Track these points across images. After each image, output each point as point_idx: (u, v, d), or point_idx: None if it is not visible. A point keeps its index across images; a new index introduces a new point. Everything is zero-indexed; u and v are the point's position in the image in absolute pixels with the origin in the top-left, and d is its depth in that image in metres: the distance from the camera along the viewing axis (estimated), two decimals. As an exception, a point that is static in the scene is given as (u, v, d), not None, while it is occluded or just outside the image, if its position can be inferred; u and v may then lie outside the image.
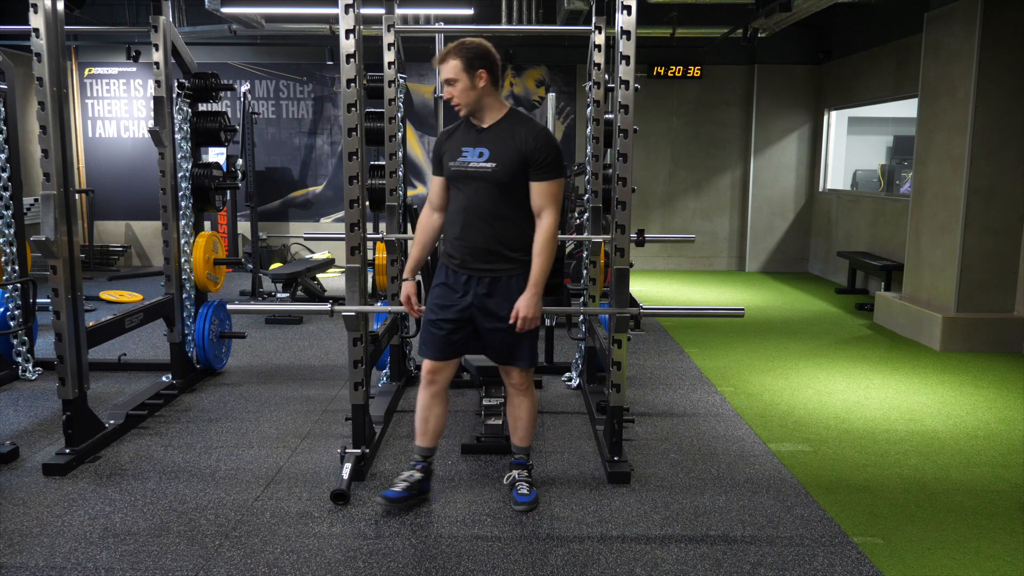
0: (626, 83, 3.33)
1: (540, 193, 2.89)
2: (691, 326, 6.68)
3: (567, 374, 4.98)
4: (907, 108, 7.85)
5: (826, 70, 9.76)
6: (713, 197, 10.33)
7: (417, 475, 3.19)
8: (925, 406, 4.58)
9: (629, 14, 3.31)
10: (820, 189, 9.95)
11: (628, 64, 3.32)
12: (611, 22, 3.99)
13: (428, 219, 3.13)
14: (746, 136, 10.15)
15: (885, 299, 6.80)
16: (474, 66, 2.85)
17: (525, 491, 3.18)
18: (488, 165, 2.88)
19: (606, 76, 4.43)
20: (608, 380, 3.56)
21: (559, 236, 4.91)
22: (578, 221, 6.78)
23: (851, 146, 10.26)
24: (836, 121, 9.86)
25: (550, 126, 6.44)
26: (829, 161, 9.92)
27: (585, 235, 4.60)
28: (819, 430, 4.17)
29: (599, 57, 4.37)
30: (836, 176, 9.97)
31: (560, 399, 4.65)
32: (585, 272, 4.65)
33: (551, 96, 6.38)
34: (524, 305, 2.89)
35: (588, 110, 4.53)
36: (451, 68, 2.85)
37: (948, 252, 6.02)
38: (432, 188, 3.10)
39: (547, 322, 5.22)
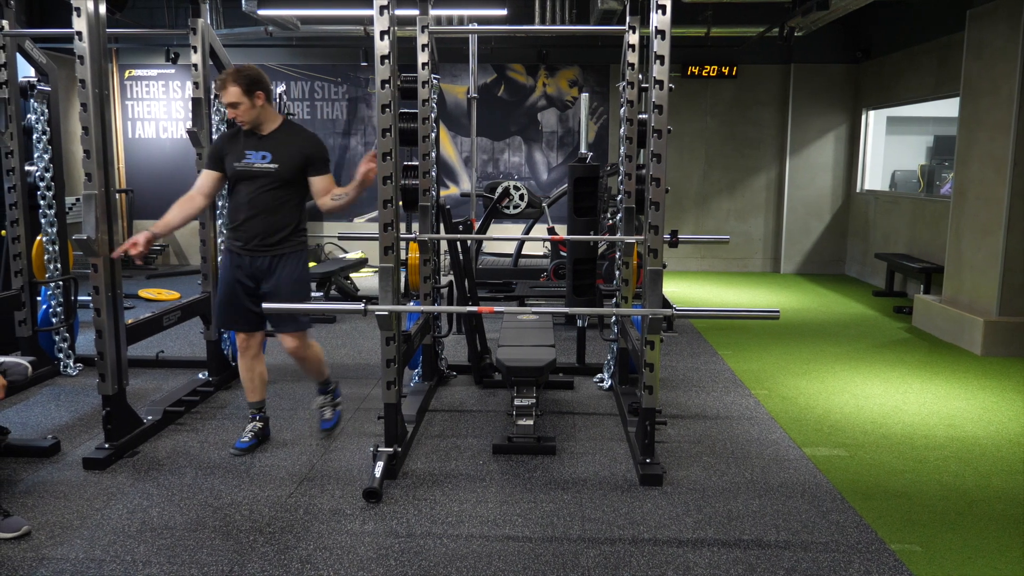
0: (660, 83, 3.30)
1: (324, 183, 3.57)
2: (725, 328, 6.61)
3: (599, 375, 4.96)
4: (948, 107, 7.68)
5: (864, 69, 9.60)
6: (748, 198, 10.22)
7: (259, 424, 3.88)
8: (965, 411, 4.48)
9: (664, 13, 3.28)
10: (857, 190, 9.79)
11: (663, 64, 3.29)
12: (645, 22, 3.97)
13: (194, 199, 3.59)
14: (782, 136, 10.02)
15: (924, 302, 6.67)
16: (252, 90, 3.43)
17: (328, 416, 4.06)
18: (272, 166, 3.49)
19: (640, 76, 4.40)
20: (640, 382, 3.54)
21: (592, 237, 4.89)
22: (611, 222, 6.76)
23: (890, 146, 10.08)
24: (874, 121, 9.69)
25: (583, 126, 6.41)
26: (867, 161, 9.75)
27: (618, 236, 4.58)
28: (856, 435, 4.10)
29: (633, 57, 4.34)
30: (874, 177, 9.80)
31: (592, 400, 4.63)
32: (618, 273, 4.63)
33: (584, 96, 6.36)
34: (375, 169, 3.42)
35: (621, 110, 4.50)
36: (229, 95, 3.43)
37: (990, 254, 5.89)
38: (202, 178, 3.61)
39: (579, 323, 5.21)
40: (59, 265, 4.90)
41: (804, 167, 9.96)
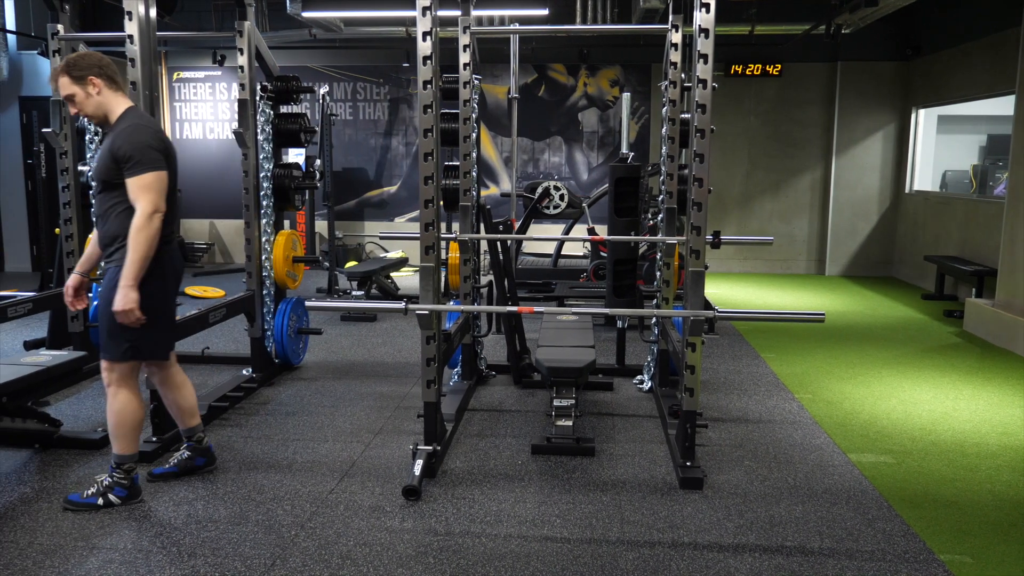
0: (704, 82, 3.27)
1: (130, 188, 2.94)
2: (768, 331, 6.51)
3: (639, 377, 4.93)
4: (1003, 105, 7.46)
5: (914, 66, 9.37)
6: (792, 198, 10.05)
7: (185, 453, 3.42)
8: (1020, 419, 4.34)
9: (708, 12, 3.24)
10: (907, 190, 9.56)
11: (706, 63, 3.26)
12: (688, 20, 3.92)
13: None
14: (827, 136, 9.83)
15: (976, 306, 6.48)
16: (83, 77, 2.97)
17: (88, 492, 3.12)
18: (91, 168, 2.95)
19: (683, 75, 4.36)
20: (681, 384, 3.50)
21: (632, 237, 4.86)
22: (652, 222, 6.71)
23: (940, 146, 9.82)
24: (924, 119, 9.45)
25: (624, 126, 6.36)
26: (916, 161, 9.52)
27: (659, 236, 4.54)
28: (903, 441, 4.00)
29: (676, 56, 4.31)
30: (924, 177, 9.56)
31: (631, 402, 4.60)
32: (659, 274, 4.59)
33: (626, 96, 6.31)
34: (115, 299, 2.91)
35: (664, 110, 4.46)
36: (62, 88, 2.98)
37: (1046, 257, 5.70)
38: None
39: (619, 324, 5.18)
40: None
41: (851, 167, 9.77)
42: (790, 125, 9.91)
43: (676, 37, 4.29)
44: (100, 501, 3.10)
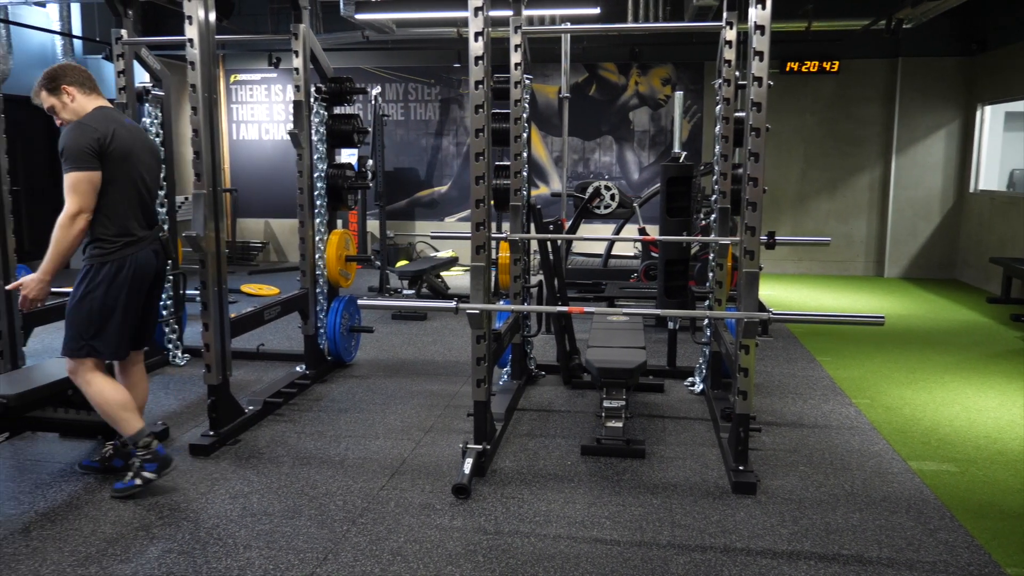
0: (759, 80, 3.21)
1: (64, 184, 3.00)
2: (823, 333, 6.36)
3: (690, 379, 4.86)
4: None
5: (980, 62, 9.05)
6: (849, 198, 9.80)
7: (110, 451, 3.45)
8: (1092, 429, 4.16)
9: (764, 8, 3.18)
10: (971, 190, 9.24)
11: (762, 60, 3.20)
12: (743, 17, 3.86)
13: None
14: (887, 134, 9.57)
15: (1045, 310, 6.23)
16: (56, 87, 3.10)
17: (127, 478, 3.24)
18: None
19: (737, 73, 4.29)
20: (734, 386, 3.44)
21: (685, 237, 4.79)
22: (704, 222, 6.61)
23: (1008, 143, 9.46)
24: (991, 117, 9.12)
25: (676, 125, 6.29)
26: (982, 160, 9.19)
27: (712, 237, 4.47)
28: (967, 449, 3.86)
29: (730, 54, 4.24)
30: (990, 176, 9.22)
31: (683, 404, 4.54)
32: (711, 275, 4.52)
33: (678, 95, 6.24)
34: (30, 287, 3.07)
35: (717, 108, 4.40)
36: (43, 101, 3.13)
37: (1122, 259, 5.44)
38: None
39: (670, 325, 5.12)
40: (170, 261, 5.14)
41: (911, 166, 9.48)
42: (848, 123, 9.67)
43: (730, 34, 4.23)
44: (139, 481, 3.21)
